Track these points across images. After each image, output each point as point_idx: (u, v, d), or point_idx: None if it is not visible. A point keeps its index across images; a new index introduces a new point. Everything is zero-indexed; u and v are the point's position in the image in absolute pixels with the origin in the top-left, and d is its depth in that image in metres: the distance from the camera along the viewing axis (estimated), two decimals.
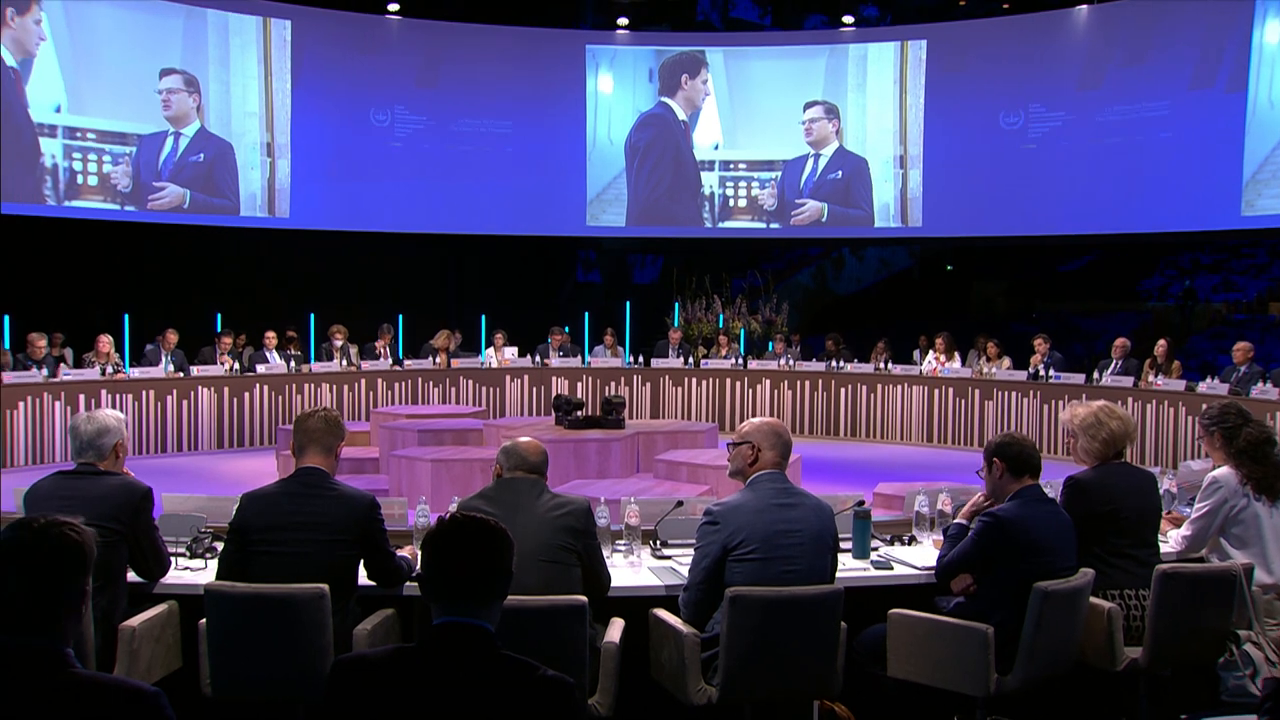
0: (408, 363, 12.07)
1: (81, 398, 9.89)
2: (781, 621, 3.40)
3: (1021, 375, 11.25)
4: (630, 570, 3.99)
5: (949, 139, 14.02)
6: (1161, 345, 10.81)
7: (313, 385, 11.35)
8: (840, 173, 14.52)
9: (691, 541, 3.68)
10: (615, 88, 14.91)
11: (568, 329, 13.14)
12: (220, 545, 3.69)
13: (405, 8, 14.16)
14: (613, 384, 12.26)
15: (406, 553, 3.85)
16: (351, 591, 3.61)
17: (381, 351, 12.19)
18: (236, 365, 11.17)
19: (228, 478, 9.31)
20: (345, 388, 11.53)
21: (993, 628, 3.50)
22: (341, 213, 13.91)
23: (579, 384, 12.19)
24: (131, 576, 3.68)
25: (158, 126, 12.72)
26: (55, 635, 1.95)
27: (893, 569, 4.07)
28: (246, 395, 11.00)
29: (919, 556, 4.19)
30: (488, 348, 12.73)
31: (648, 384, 12.39)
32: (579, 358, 12.69)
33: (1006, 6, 13.99)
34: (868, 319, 14.48)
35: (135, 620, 3.51)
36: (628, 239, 15.50)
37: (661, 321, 13.81)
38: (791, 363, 12.35)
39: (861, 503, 4.32)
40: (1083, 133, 13.31)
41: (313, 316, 12.55)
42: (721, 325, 13.61)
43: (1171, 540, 4.28)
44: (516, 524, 3.16)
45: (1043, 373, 11.09)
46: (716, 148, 14.89)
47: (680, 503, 4.51)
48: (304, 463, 3.65)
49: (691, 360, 12.61)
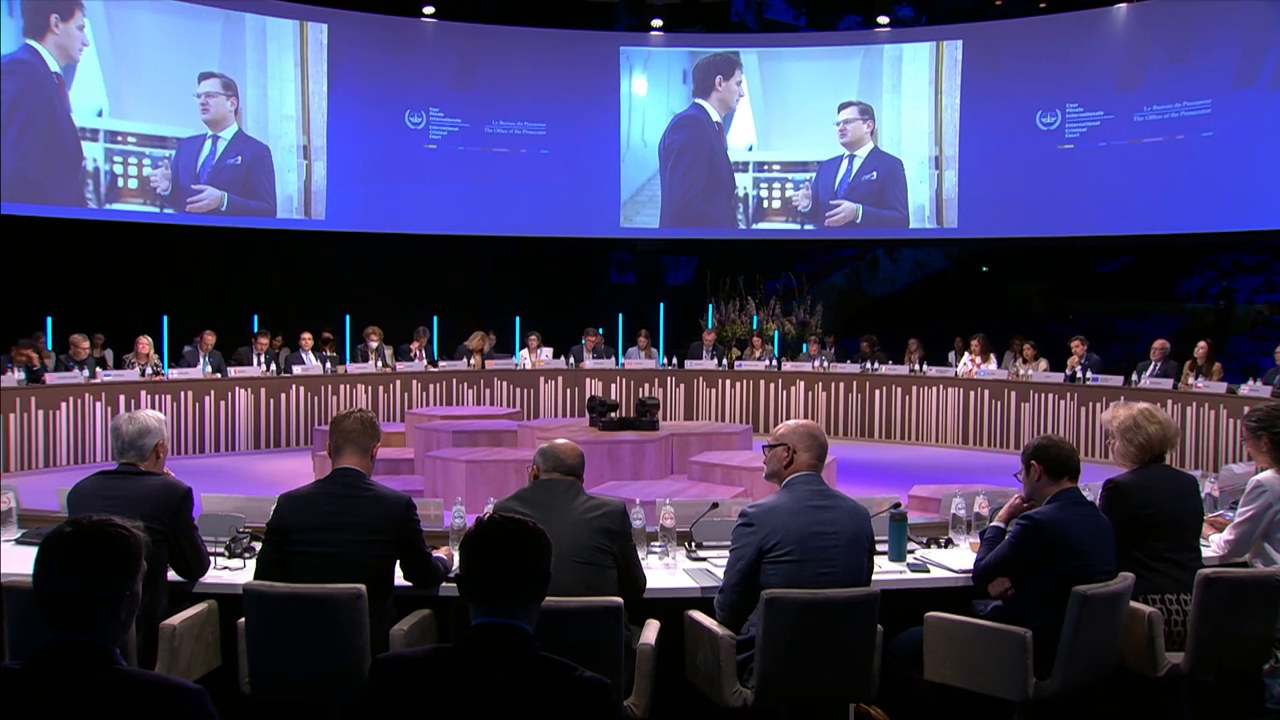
0: (443, 364, 12.13)
1: (121, 398, 10.02)
2: (817, 624, 3.39)
3: (1058, 377, 11.15)
4: (665, 572, 3.99)
5: (984, 139, 13.91)
6: (1202, 347, 10.67)
7: (348, 386, 11.43)
8: (875, 174, 14.44)
9: (726, 543, 3.67)
10: (649, 89, 14.91)
11: (602, 330, 13.14)
12: (258, 545, 3.72)
13: (440, 10, 14.22)
14: (647, 386, 12.26)
15: (442, 553, 3.86)
16: (388, 592, 3.63)
17: (416, 353, 12.25)
18: (273, 366, 11.27)
19: (264, 478, 9.40)
20: (380, 389, 11.60)
21: (1031, 631, 3.47)
22: (377, 215, 14.00)
23: (613, 386, 12.20)
24: (171, 575, 3.72)
25: (196, 130, 12.85)
26: (102, 632, 1.97)
27: (929, 572, 4.05)
28: (283, 396, 11.09)
29: (955, 559, 4.17)
30: (522, 349, 12.76)
31: (682, 386, 12.39)
32: (613, 359, 12.70)
33: (1043, 5, 13.82)
34: (902, 320, 14.35)
35: (176, 619, 3.55)
36: (662, 240, 15.47)
37: (695, 323, 13.80)
38: (826, 364, 12.31)
39: (897, 505, 4.30)
40: (1121, 132, 13.16)
41: (348, 318, 12.62)
42: (755, 327, 13.59)
43: (1214, 545, 4.21)
44: (552, 525, 3.14)
45: (1080, 375, 10.98)
46: (750, 149, 14.85)
47: (715, 504, 4.50)
48: (340, 464, 3.68)
49: (725, 362, 12.59)
